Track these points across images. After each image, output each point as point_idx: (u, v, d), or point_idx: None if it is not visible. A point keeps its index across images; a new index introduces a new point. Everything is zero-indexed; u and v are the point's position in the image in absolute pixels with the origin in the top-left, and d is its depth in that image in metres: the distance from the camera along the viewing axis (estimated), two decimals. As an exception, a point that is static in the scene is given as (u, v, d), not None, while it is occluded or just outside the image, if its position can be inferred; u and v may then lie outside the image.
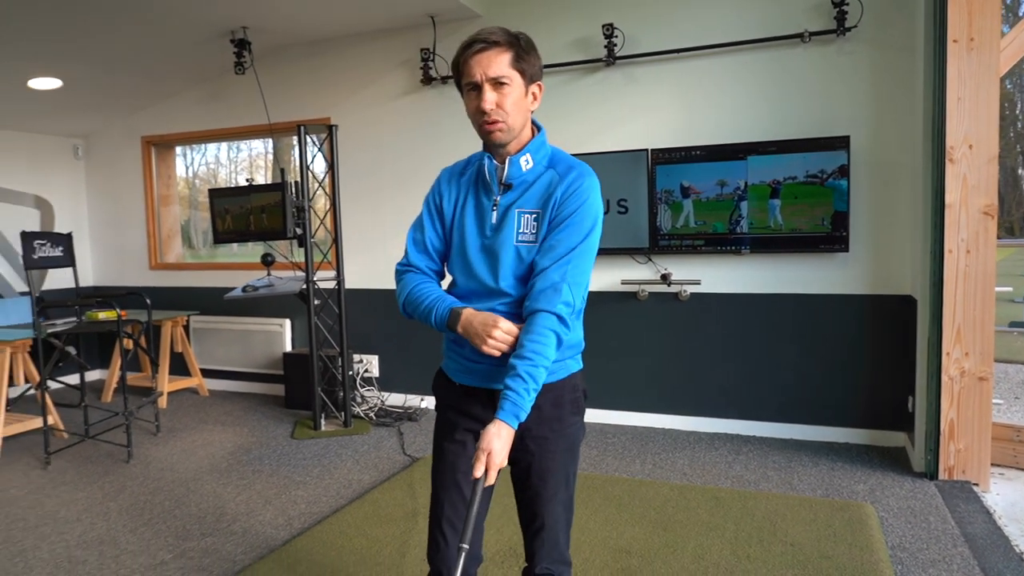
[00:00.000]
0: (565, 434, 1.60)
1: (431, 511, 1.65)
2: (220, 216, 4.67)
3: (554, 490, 1.60)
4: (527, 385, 1.39)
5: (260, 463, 3.89)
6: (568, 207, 1.49)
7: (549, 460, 1.58)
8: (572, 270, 1.47)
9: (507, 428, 1.37)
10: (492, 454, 1.35)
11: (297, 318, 5.40)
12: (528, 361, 1.40)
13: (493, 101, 1.46)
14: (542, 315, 1.44)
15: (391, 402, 5.03)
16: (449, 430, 1.64)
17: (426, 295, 1.58)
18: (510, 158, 1.52)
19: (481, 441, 1.36)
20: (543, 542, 1.61)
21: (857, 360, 3.98)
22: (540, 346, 1.41)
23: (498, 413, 1.38)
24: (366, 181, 5.06)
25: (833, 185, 3.87)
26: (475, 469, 1.35)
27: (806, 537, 2.80)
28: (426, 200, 1.68)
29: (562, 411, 1.59)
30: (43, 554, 2.81)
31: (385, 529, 2.97)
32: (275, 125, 5.26)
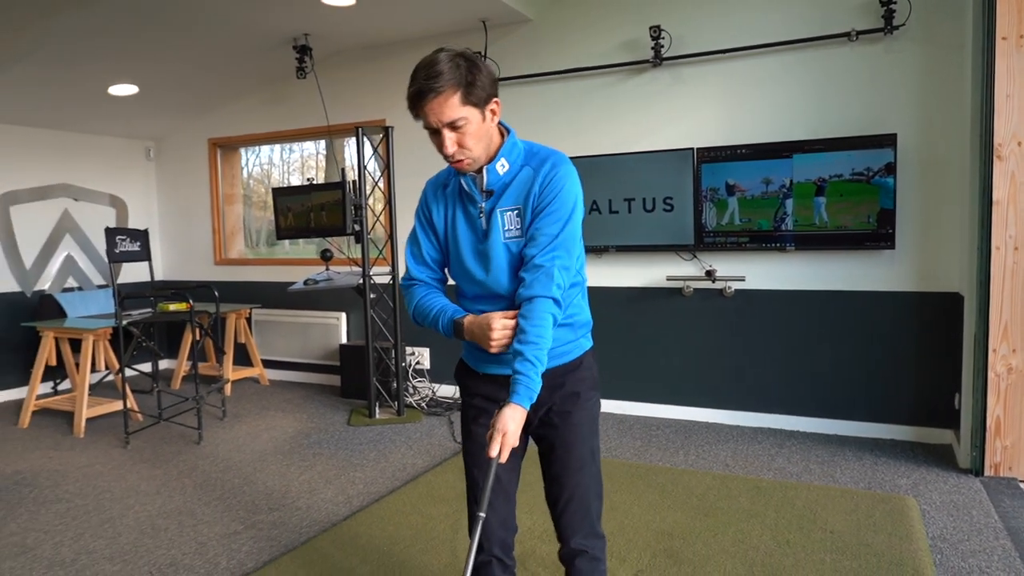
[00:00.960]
0: (586, 408, 1.72)
1: (468, 489, 1.79)
2: (283, 213, 4.93)
3: (579, 462, 1.72)
4: (536, 368, 1.50)
5: (320, 447, 4.12)
6: (547, 196, 1.57)
7: (573, 433, 1.71)
8: (560, 255, 1.56)
9: (521, 411, 1.48)
10: (507, 435, 1.46)
11: (353, 311, 5.64)
12: (533, 345, 1.50)
13: (454, 142, 1.53)
14: (539, 300, 1.54)
15: (441, 393, 5.23)
16: (477, 414, 1.76)
17: (431, 307, 1.70)
18: (486, 167, 1.61)
19: (496, 422, 1.46)
20: (574, 513, 1.73)
21: (903, 357, 4.00)
22: (542, 329, 1.52)
23: (512, 397, 1.48)
24: (419, 180, 5.22)
25: (879, 183, 3.90)
26: (490, 448, 1.45)
27: (846, 526, 2.87)
28: (416, 214, 1.80)
29: (582, 387, 1.72)
30: (129, 521, 3.08)
31: (438, 508, 3.15)
32: (333, 127, 5.51)
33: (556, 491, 1.75)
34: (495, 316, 1.59)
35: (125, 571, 2.62)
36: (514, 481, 1.78)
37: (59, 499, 3.36)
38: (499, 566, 1.74)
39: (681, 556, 2.65)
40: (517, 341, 1.53)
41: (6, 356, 5.45)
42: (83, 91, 5.07)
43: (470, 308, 1.72)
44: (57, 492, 3.45)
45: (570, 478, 1.72)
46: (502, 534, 1.74)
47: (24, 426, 4.64)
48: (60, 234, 5.80)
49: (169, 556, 2.73)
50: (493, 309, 1.65)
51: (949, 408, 3.89)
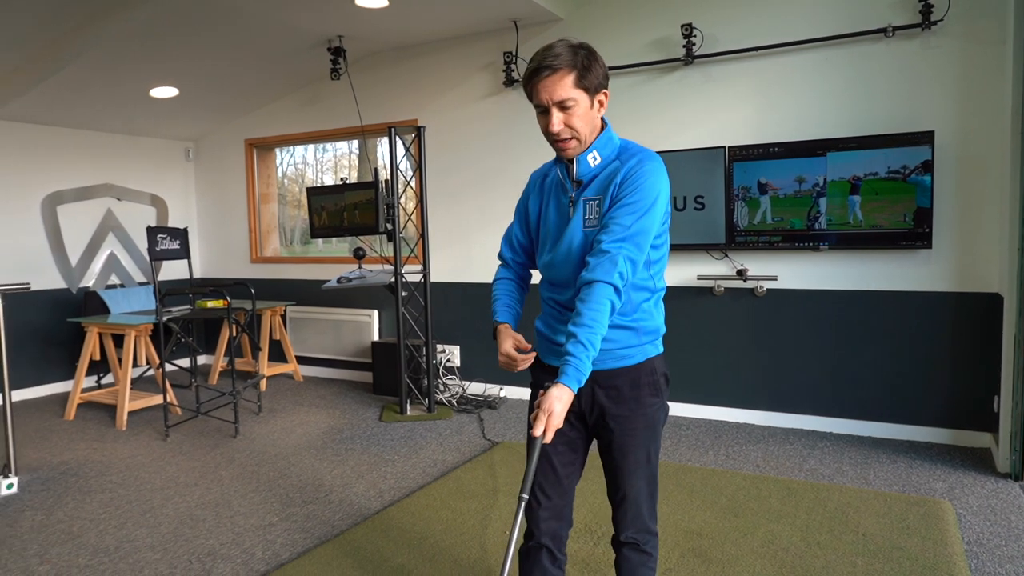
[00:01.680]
0: (643, 413, 1.74)
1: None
2: (316, 212, 5.02)
3: (634, 465, 1.74)
4: (587, 352, 1.50)
5: (352, 442, 4.19)
6: (627, 188, 1.59)
7: (628, 437, 1.72)
8: (628, 247, 1.57)
9: (568, 392, 1.48)
10: (552, 415, 1.44)
11: (384, 309, 5.72)
12: (588, 329, 1.49)
13: (561, 122, 1.58)
14: (599, 285, 1.53)
15: (471, 391, 5.27)
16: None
17: (496, 295, 1.84)
18: (578, 157, 1.66)
19: (542, 402, 1.45)
20: (626, 512, 1.77)
21: (940, 358, 3.93)
22: (598, 314, 1.52)
23: (560, 377, 1.47)
24: (450, 180, 5.32)
25: (916, 181, 3.83)
26: (534, 427, 1.44)
27: (878, 528, 2.84)
28: (518, 203, 1.89)
29: (639, 392, 1.73)
30: (168, 511, 3.18)
31: (468, 504, 3.19)
32: (366, 127, 5.59)
33: (611, 488, 1.79)
34: (508, 340, 1.69)
35: (165, 559, 2.71)
36: (573, 475, 1.80)
37: (103, 489, 3.48)
38: (548, 556, 1.78)
39: (710, 556, 2.65)
40: (572, 323, 1.53)
41: (53, 351, 5.64)
42: (126, 93, 5.23)
43: (544, 296, 1.81)
44: (101, 482, 3.57)
45: (623, 480, 1.75)
46: (554, 525, 1.77)
47: (70, 418, 4.80)
48: (104, 233, 5.98)
49: (207, 546, 2.82)
50: (563, 297, 1.72)
51: (987, 411, 3.81)
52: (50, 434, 4.47)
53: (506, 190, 5.08)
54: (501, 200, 5.12)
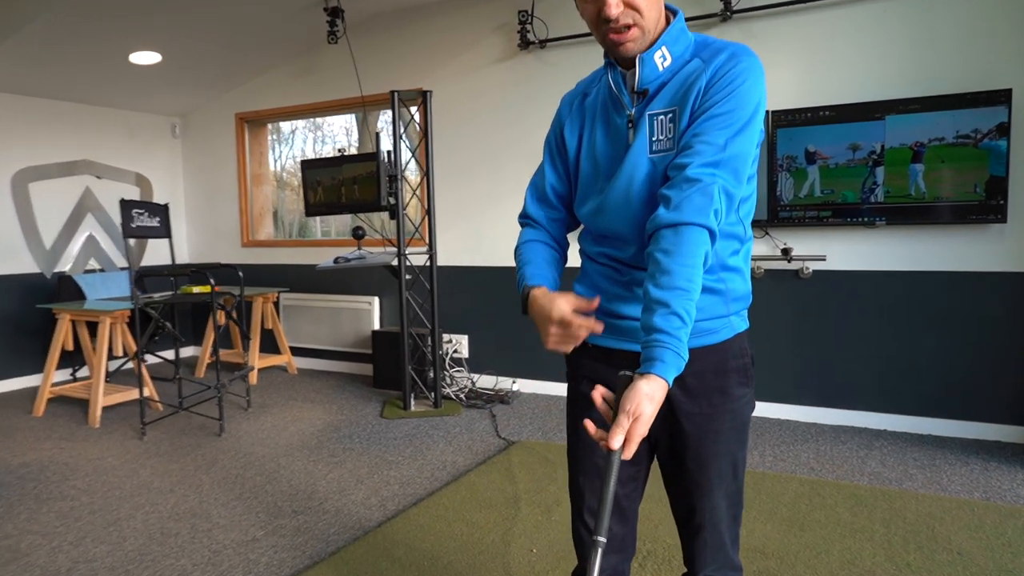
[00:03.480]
0: (731, 409, 1.29)
1: (572, 501, 1.39)
2: (312, 188, 4.56)
3: (717, 479, 1.30)
4: (685, 327, 1.05)
5: (350, 441, 3.75)
6: (717, 93, 1.15)
7: (710, 443, 1.28)
8: (724, 173, 1.12)
9: (663, 386, 1.03)
10: (639, 421, 1.01)
11: (386, 296, 5.27)
12: (681, 293, 1.05)
13: (621, 2, 1.14)
14: (690, 229, 1.08)
15: (481, 384, 4.83)
16: (585, 404, 1.35)
17: (523, 259, 1.34)
18: (640, 57, 1.19)
19: (626, 402, 1.02)
20: (704, 543, 1.32)
21: (1010, 348, 3.48)
22: (692, 271, 1.07)
23: (649, 365, 1.03)
24: (460, 154, 4.86)
25: (989, 146, 3.38)
26: (611, 438, 1.01)
27: (974, 545, 2.39)
28: (546, 141, 1.41)
29: (727, 381, 1.28)
30: (137, 524, 2.73)
31: (486, 515, 2.74)
32: (367, 97, 5.12)
33: (683, 512, 1.34)
34: (559, 300, 1.18)
35: (128, 583, 2.27)
36: (635, 494, 1.37)
37: (64, 496, 3.03)
38: None
39: (780, 580, 2.20)
40: (653, 285, 1.08)
41: (24, 341, 5.19)
42: (103, 58, 4.76)
43: (591, 252, 1.33)
44: (63, 488, 3.12)
45: (700, 501, 1.30)
46: (615, 559, 1.35)
47: (39, 414, 4.36)
48: (82, 213, 5.52)
49: (177, 567, 2.37)
50: (621, 254, 1.25)
51: (1069, 406, 3.37)
52: (14, 432, 4.02)
53: (520, 165, 4.62)
54: (514, 176, 4.66)
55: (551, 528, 2.61)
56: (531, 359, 4.70)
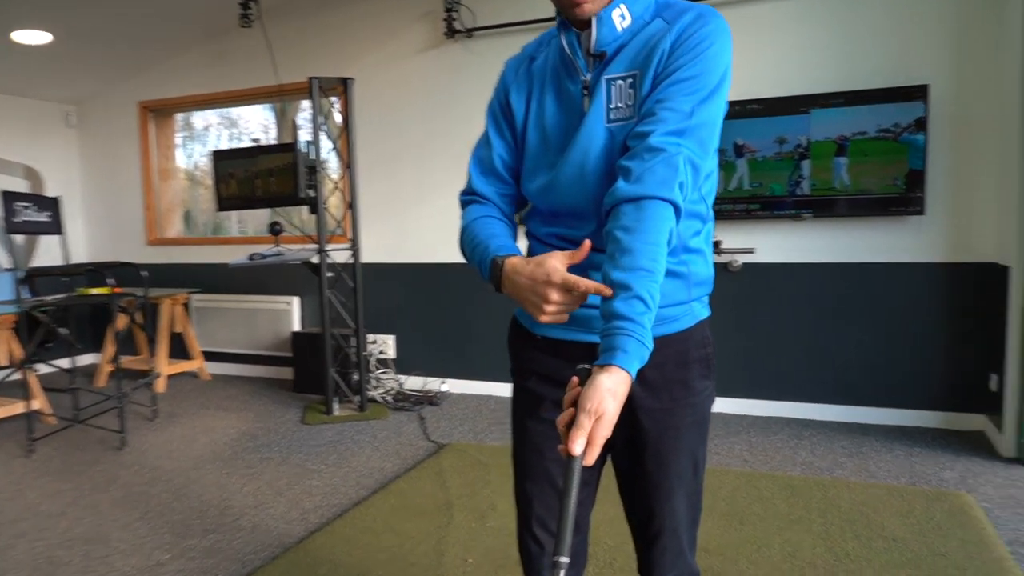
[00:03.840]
0: (692, 404, 1.19)
1: (518, 509, 1.26)
2: (224, 181, 4.27)
3: (676, 480, 1.19)
4: (649, 312, 0.93)
5: (268, 450, 3.50)
6: (682, 57, 1.05)
7: (671, 440, 1.17)
8: (690, 143, 1.01)
9: (625, 378, 0.91)
10: (602, 421, 0.88)
11: (307, 295, 5.00)
12: (645, 275, 0.93)
13: None
14: (652, 204, 0.97)
15: (409, 385, 4.64)
16: (532, 404, 1.23)
17: (477, 236, 1.14)
18: (597, 16, 1.07)
19: (585, 400, 0.88)
20: (664, 550, 1.22)
21: (930, 336, 3.58)
22: (656, 250, 0.95)
23: (610, 356, 0.91)
24: (384, 146, 4.65)
25: (908, 140, 3.47)
26: (571, 441, 0.87)
27: (907, 531, 2.41)
28: (489, 107, 1.25)
29: (688, 372, 1.18)
30: (18, 554, 2.42)
31: (417, 524, 2.58)
32: (285, 87, 4.84)
33: (640, 517, 1.23)
34: (555, 262, 1.00)
35: (6, 622, 1.99)
36: (588, 500, 1.25)
37: (-66, 524, 2.67)
38: None
39: (725, 578, 2.14)
40: (616, 267, 0.95)
41: None
42: (-19, 37, 4.31)
43: (540, 233, 1.18)
44: (-67, 515, 2.76)
45: (661, 503, 1.19)
46: (568, 574, 1.21)
47: (-91, 433, 3.89)
48: (-40, 209, 4.99)
49: (68, 599, 2.10)
50: (575, 234, 1.11)
51: (981, 391, 3.49)
52: None
53: (447, 158, 4.46)
54: (442, 169, 4.49)
55: (487, 535, 2.47)
56: (460, 358, 4.55)
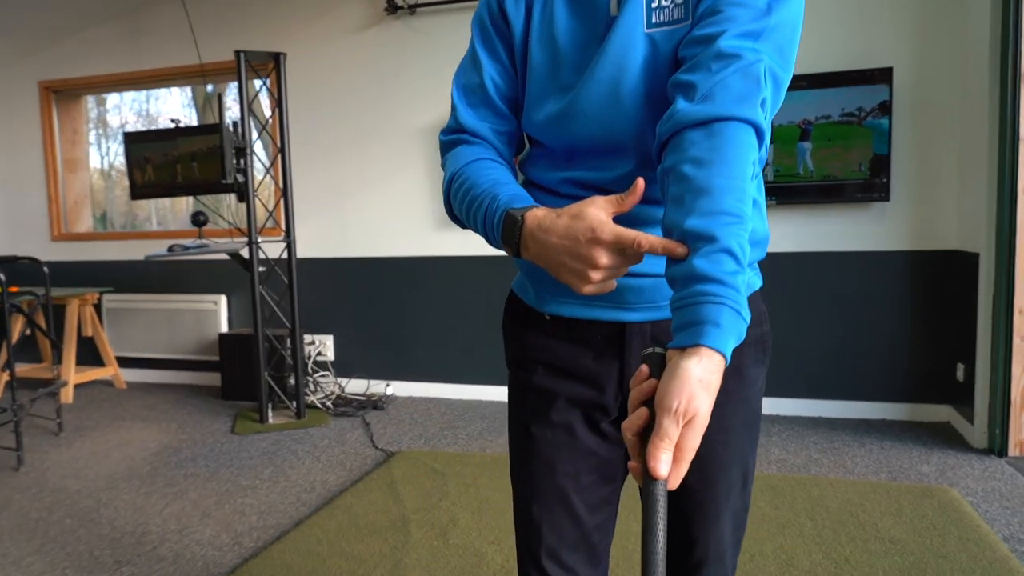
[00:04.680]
0: (745, 398, 0.95)
1: (521, 537, 0.98)
2: (139, 166, 3.83)
3: (725, 499, 0.95)
4: (741, 272, 0.69)
5: (194, 465, 3.11)
6: None
7: (719, 447, 0.93)
8: (768, 47, 0.77)
9: (719, 364, 0.66)
10: (694, 425, 0.64)
11: (235, 294, 4.58)
12: (732, 222, 0.69)
13: None
14: (732, 127, 0.73)
15: (351, 389, 4.29)
16: (540, 404, 0.96)
17: (476, 185, 0.86)
18: None
19: (666, 396, 0.64)
20: None
21: (896, 326, 3.50)
22: (742, 188, 0.71)
23: (697, 334, 0.66)
24: (320, 132, 4.29)
25: (872, 125, 3.37)
26: (653, 458, 0.63)
27: (902, 531, 2.25)
28: (476, 20, 0.96)
29: (742, 358, 0.93)
30: None
31: (369, 544, 2.26)
32: (208, 66, 4.42)
33: (676, 544, 0.96)
34: (599, 212, 0.74)
35: None
36: (607, 525, 0.99)
37: None
38: None
39: (721, 592, 1.92)
40: (688, 213, 0.70)
41: None
42: None
43: (550, 180, 0.91)
44: None
45: (706, 528, 0.95)
46: None
47: None
48: None
49: (-63, 660, 1.71)
50: (605, 176, 0.85)
51: (948, 381, 3.42)
52: None
53: (391, 145, 4.14)
54: (385, 157, 4.17)
55: (451, 554, 2.18)
56: (405, 359, 4.24)
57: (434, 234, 4.12)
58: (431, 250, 4.12)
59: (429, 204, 4.11)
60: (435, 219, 4.11)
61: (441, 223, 4.09)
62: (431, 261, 4.13)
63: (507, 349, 1.02)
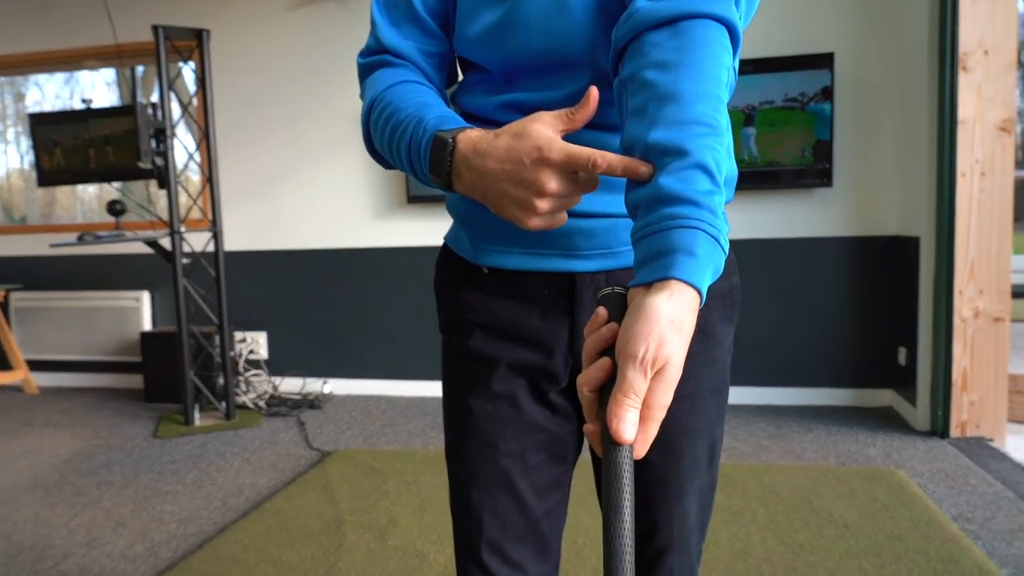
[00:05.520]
0: (713, 359, 0.84)
1: (459, 528, 0.85)
2: (46, 150, 3.53)
3: (690, 475, 0.84)
4: (718, 192, 0.58)
5: (108, 472, 2.86)
6: None
7: (683, 415, 0.81)
8: None
9: (695, 300, 0.55)
10: (665, 374, 0.53)
11: (159, 290, 4.29)
12: (706, 133, 0.58)
13: None
14: (702, 25, 0.62)
15: (285, 388, 4.06)
16: (478, 373, 0.83)
17: (400, 109, 0.73)
18: None
19: (630, 341, 0.53)
20: (670, 569, 0.85)
21: (839, 312, 3.50)
22: (716, 93, 0.60)
23: (667, 265, 0.54)
24: (249, 118, 4.05)
25: (815, 110, 3.36)
26: (615, 417, 0.51)
27: (855, 515, 2.21)
28: None
29: (709, 314, 0.82)
30: None
31: (300, 549, 2.09)
32: (125, 46, 4.12)
33: (636, 528, 0.84)
34: (545, 128, 0.62)
35: None
36: (557, 512, 0.86)
37: None
38: None
39: (676, 585, 1.83)
40: (653, 124, 0.58)
41: None
42: None
43: (486, 106, 0.79)
44: None
45: (670, 508, 0.83)
46: None
47: None
48: None
49: None
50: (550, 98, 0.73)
51: (889, 366, 3.45)
52: None
53: (327, 133, 3.94)
54: (320, 146, 3.97)
55: (389, 557, 2.03)
56: (343, 355, 4.04)
57: (373, 225, 3.94)
58: (370, 241, 3.94)
59: (367, 193, 3.93)
60: (374, 209, 3.93)
61: (380, 213, 3.91)
62: (370, 253, 3.95)
63: (440, 311, 0.88)
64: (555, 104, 0.72)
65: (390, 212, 3.90)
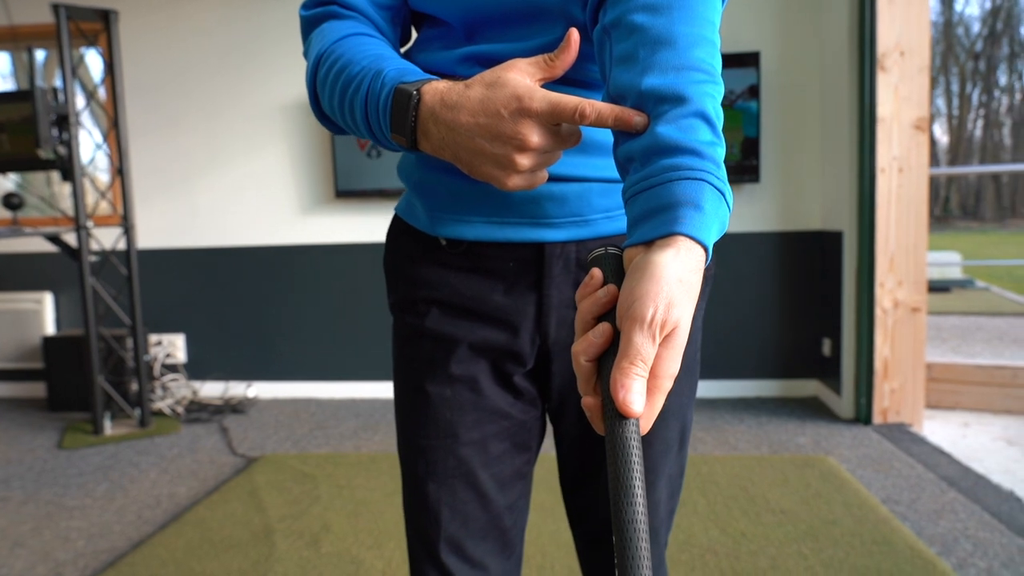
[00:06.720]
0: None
1: (413, 525, 0.78)
2: (-68, 137, 3.21)
3: (661, 460, 0.80)
4: (719, 143, 0.53)
5: (5, 488, 2.61)
6: None
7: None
8: None
9: (701, 257, 0.50)
10: (673, 339, 0.47)
11: (63, 290, 3.98)
12: (703, 80, 0.54)
13: None
14: None
15: (206, 393, 3.85)
16: (435, 355, 0.77)
17: (352, 62, 0.66)
18: None
19: (634, 302, 0.47)
20: None
21: (766, 305, 3.59)
22: (710, 38, 0.57)
23: (669, 220, 0.49)
24: (162, 105, 3.81)
25: (743, 108, 3.43)
26: (621, 387, 0.45)
27: (791, 502, 2.25)
28: None
29: None
30: None
31: (224, 561, 1.95)
32: (21, 28, 3.81)
33: (600, 523, 0.80)
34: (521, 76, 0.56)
35: None
36: (520, 505, 0.80)
37: None
38: None
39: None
40: (646, 70, 0.53)
41: None
42: None
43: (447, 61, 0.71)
44: None
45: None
46: None
47: None
48: None
49: None
50: (521, 48, 0.66)
51: (814, 357, 3.55)
52: None
53: (246, 122, 3.75)
54: (242, 136, 3.77)
55: (323, 565, 1.92)
56: (268, 358, 3.86)
57: (298, 221, 3.77)
58: (294, 238, 3.78)
59: (293, 187, 3.76)
60: (299, 204, 3.77)
61: (305, 209, 3.75)
62: (294, 250, 3.78)
63: (391, 290, 0.81)
64: (525, 55, 0.66)
65: (317, 207, 3.75)
